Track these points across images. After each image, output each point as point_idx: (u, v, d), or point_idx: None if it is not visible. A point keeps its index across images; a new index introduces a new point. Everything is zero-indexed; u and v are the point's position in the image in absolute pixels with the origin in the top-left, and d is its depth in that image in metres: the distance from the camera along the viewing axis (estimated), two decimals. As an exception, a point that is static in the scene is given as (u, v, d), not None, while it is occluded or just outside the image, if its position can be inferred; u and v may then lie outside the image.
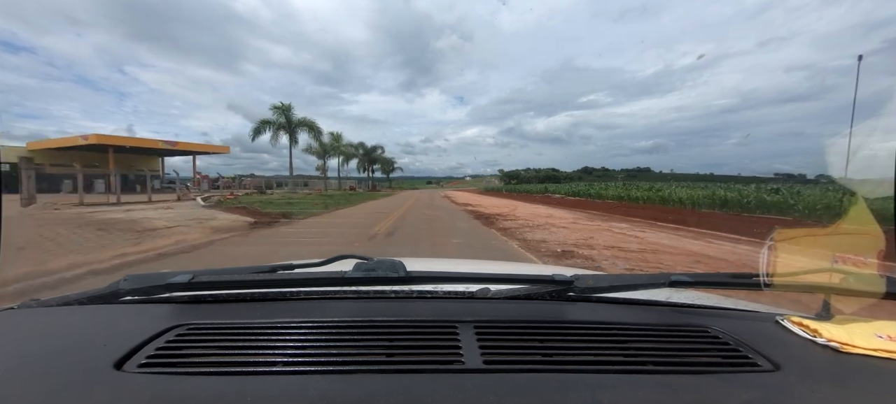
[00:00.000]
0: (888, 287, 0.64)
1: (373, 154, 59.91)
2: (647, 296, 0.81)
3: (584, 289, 0.76)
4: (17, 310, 0.77)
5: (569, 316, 0.73)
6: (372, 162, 58.87)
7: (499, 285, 0.80)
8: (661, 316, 0.74)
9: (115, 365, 0.53)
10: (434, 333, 0.63)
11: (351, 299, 0.80)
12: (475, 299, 0.80)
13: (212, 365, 0.54)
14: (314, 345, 0.59)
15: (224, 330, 0.64)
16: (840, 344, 0.60)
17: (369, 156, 58.74)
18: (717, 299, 0.93)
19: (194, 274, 0.75)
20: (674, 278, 0.75)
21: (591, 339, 0.63)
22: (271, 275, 0.80)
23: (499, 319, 0.68)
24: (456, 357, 0.56)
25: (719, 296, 0.96)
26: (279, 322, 0.67)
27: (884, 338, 0.61)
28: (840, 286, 0.67)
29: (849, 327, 0.64)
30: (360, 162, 52.16)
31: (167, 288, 0.74)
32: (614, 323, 0.68)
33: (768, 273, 0.71)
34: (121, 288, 0.75)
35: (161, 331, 0.63)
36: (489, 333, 0.63)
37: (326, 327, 0.65)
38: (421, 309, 0.75)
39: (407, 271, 0.75)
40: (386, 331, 0.63)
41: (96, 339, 0.62)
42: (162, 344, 0.59)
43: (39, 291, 4.05)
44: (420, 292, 0.82)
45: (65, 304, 0.79)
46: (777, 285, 0.70)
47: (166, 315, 0.71)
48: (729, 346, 0.62)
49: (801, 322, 0.69)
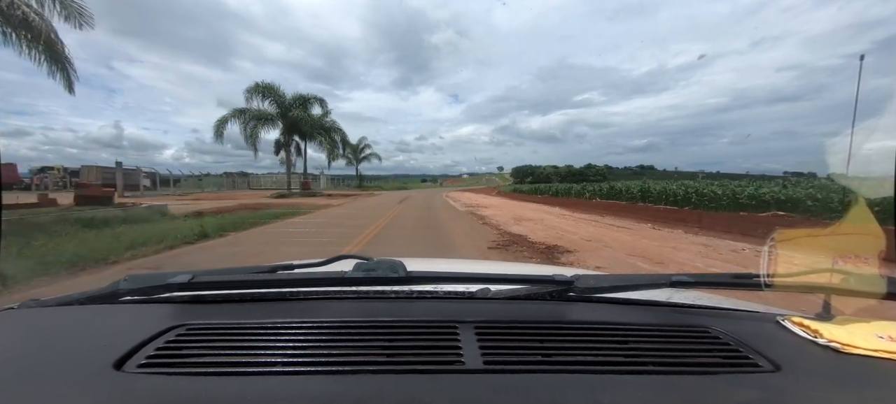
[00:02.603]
0: (889, 287, 0.64)
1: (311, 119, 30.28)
2: (647, 297, 0.81)
3: (585, 289, 0.76)
4: (17, 310, 0.77)
5: (569, 316, 0.73)
6: (333, 144, 32.54)
7: (499, 285, 0.80)
8: (662, 317, 0.74)
9: (115, 365, 0.53)
10: (434, 333, 0.63)
11: (351, 299, 0.80)
12: (475, 299, 0.80)
13: (212, 365, 0.54)
14: (314, 345, 0.59)
15: (224, 330, 0.64)
16: (841, 344, 0.60)
17: (292, 122, 28.95)
18: (717, 299, 0.93)
19: (194, 274, 0.74)
20: (674, 278, 0.75)
21: (591, 339, 0.62)
22: (271, 275, 0.79)
23: (499, 319, 0.68)
24: (456, 357, 0.56)
25: (720, 296, 0.96)
26: (279, 322, 0.66)
27: (884, 339, 0.61)
28: (840, 286, 0.67)
29: (849, 327, 0.64)
30: (283, 130, 28.67)
31: (167, 288, 0.74)
32: (615, 324, 0.68)
33: (769, 273, 0.71)
34: (120, 288, 0.75)
35: (161, 332, 0.63)
36: (489, 333, 0.63)
37: (326, 327, 0.64)
38: (421, 310, 0.75)
39: (407, 271, 0.75)
40: (386, 331, 0.63)
41: (96, 339, 0.62)
42: (162, 345, 0.59)
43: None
44: (420, 292, 0.82)
45: (65, 304, 0.79)
46: (778, 285, 0.70)
47: (166, 315, 0.71)
48: (730, 347, 0.62)
49: (801, 322, 0.69)
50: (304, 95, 30.36)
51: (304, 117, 29.63)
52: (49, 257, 5.46)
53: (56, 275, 4.93)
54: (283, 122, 29.36)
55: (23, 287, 4.41)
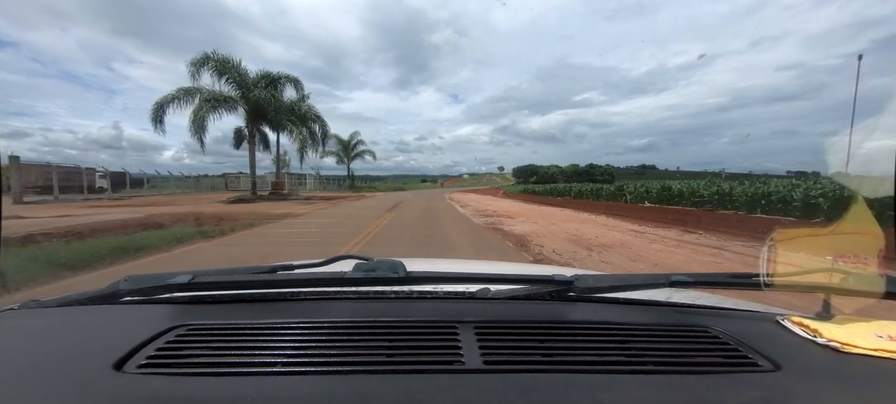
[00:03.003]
0: (888, 286, 0.64)
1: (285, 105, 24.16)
2: (647, 296, 0.81)
3: (585, 289, 0.76)
4: (17, 311, 0.77)
5: (569, 316, 0.73)
6: (311, 136, 25.79)
7: (499, 285, 0.80)
8: (662, 317, 0.74)
9: (115, 365, 0.53)
10: (434, 333, 0.63)
11: (351, 299, 0.80)
12: (475, 299, 0.80)
13: (212, 365, 0.54)
14: (314, 346, 0.59)
15: (224, 330, 0.64)
16: (840, 343, 0.60)
17: (256, 107, 22.64)
18: (717, 299, 0.93)
19: (194, 274, 0.74)
20: (674, 278, 0.75)
21: (591, 339, 0.63)
22: (271, 276, 0.79)
23: (499, 319, 0.68)
24: (456, 357, 0.56)
25: (720, 296, 0.96)
26: (279, 322, 0.66)
27: (884, 338, 0.61)
28: (840, 286, 0.67)
29: (849, 327, 0.64)
30: (247, 116, 23.05)
31: (167, 288, 0.74)
32: (615, 324, 0.68)
33: (768, 273, 0.71)
34: (121, 288, 0.75)
35: (161, 332, 0.63)
36: (489, 333, 0.63)
37: (326, 327, 0.65)
38: (421, 310, 0.75)
39: (407, 271, 0.75)
40: (386, 332, 0.63)
41: (96, 340, 0.62)
42: (162, 345, 0.59)
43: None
44: (420, 292, 0.82)
45: (65, 305, 0.79)
46: (777, 285, 0.70)
47: (166, 315, 0.71)
48: (729, 346, 0.62)
49: (801, 322, 0.69)
50: (273, 74, 23.67)
51: (269, 99, 22.51)
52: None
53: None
54: (246, 107, 22.85)
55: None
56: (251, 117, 23.58)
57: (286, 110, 24.34)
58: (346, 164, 52.99)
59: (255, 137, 24.62)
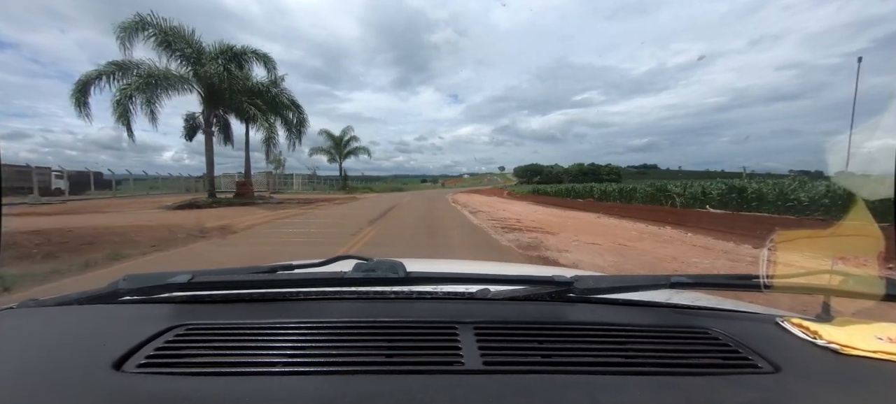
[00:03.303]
0: (888, 288, 0.64)
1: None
2: (647, 298, 0.81)
3: (584, 290, 0.76)
4: (16, 310, 0.77)
5: (569, 317, 0.73)
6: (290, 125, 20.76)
7: (498, 286, 0.80)
8: (662, 318, 0.74)
9: (114, 365, 0.53)
10: (434, 334, 0.63)
11: (351, 300, 0.80)
12: (475, 300, 0.80)
13: (211, 365, 0.54)
14: (314, 346, 0.59)
15: (223, 330, 0.64)
16: (840, 345, 0.60)
17: (212, 87, 17.09)
18: (717, 300, 0.93)
19: (194, 274, 0.74)
20: (674, 279, 0.75)
21: (590, 340, 0.62)
22: (271, 276, 0.79)
23: (498, 320, 0.68)
24: (456, 357, 0.56)
25: (719, 297, 0.96)
26: (279, 322, 0.66)
27: (884, 340, 0.61)
28: (840, 287, 0.67)
29: (849, 329, 0.64)
30: (203, 100, 17.69)
31: (166, 288, 0.74)
32: (614, 325, 0.68)
33: (768, 274, 0.71)
34: (120, 287, 0.75)
35: (160, 332, 0.63)
36: (489, 334, 0.63)
37: (326, 327, 0.64)
38: (421, 310, 0.75)
39: (407, 272, 0.75)
40: (386, 332, 0.63)
41: (95, 339, 0.62)
42: (161, 345, 0.59)
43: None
44: (420, 293, 0.82)
45: (64, 304, 0.79)
46: (777, 286, 0.70)
47: (165, 315, 0.71)
48: (729, 348, 0.62)
49: (801, 323, 0.69)
50: (235, 47, 17.83)
51: (222, 76, 16.66)
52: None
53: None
54: (201, 88, 17.51)
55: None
56: (206, 101, 18.20)
57: (248, 92, 18.45)
58: (338, 163, 47.48)
59: (212, 125, 19.13)
